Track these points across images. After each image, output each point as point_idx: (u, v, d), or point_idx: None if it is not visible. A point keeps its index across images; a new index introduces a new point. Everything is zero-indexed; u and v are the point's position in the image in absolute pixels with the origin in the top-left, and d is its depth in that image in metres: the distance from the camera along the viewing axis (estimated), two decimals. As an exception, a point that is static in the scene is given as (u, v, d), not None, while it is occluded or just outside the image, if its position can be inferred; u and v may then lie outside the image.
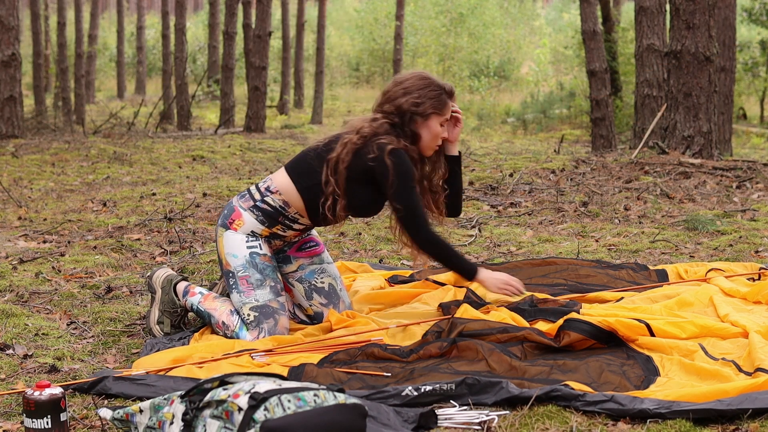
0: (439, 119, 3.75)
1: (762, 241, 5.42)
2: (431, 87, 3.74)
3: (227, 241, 3.72)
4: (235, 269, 3.70)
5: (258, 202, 3.73)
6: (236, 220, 3.73)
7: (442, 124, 3.77)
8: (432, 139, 3.76)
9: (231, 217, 3.74)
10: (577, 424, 2.76)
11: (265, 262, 3.72)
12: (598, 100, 11.71)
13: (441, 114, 3.75)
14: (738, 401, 2.77)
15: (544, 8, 37.59)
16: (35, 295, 4.45)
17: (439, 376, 3.10)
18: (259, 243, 3.73)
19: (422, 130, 3.73)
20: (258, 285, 3.67)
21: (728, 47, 11.67)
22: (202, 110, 20.01)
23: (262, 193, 3.74)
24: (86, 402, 3.05)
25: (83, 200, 7.35)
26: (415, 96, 3.71)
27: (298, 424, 2.43)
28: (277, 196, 3.71)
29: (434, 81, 3.77)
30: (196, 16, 35.09)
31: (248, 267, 3.69)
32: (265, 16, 14.04)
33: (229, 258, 3.71)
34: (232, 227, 3.73)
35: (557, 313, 3.71)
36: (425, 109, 3.71)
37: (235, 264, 3.70)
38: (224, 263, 3.74)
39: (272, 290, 3.69)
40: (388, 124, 3.70)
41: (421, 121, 3.72)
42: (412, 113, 3.70)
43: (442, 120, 3.76)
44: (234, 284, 3.70)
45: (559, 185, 7.55)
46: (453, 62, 23.37)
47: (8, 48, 11.30)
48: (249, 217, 3.72)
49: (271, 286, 3.69)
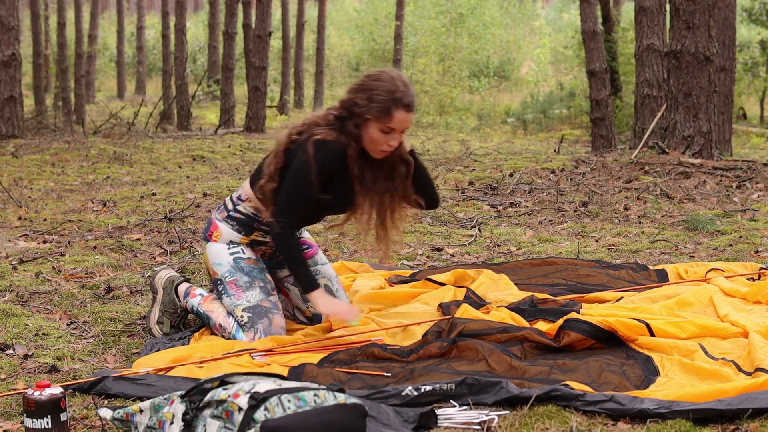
0: (378, 126, 3.52)
1: (762, 241, 5.43)
2: (382, 92, 3.51)
3: (210, 252, 3.78)
4: (222, 276, 3.73)
5: (231, 212, 3.77)
6: (214, 232, 3.79)
7: (385, 131, 3.53)
8: (370, 143, 3.57)
9: (209, 229, 3.81)
10: (577, 424, 2.76)
11: (250, 265, 3.74)
12: (598, 100, 11.71)
13: (379, 122, 3.51)
14: (738, 401, 2.77)
15: (544, 8, 37.59)
16: (35, 295, 4.45)
17: (439, 376, 3.10)
18: (241, 248, 3.77)
19: (363, 131, 3.57)
20: (247, 287, 3.69)
21: (728, 47, 11.67)
22: (202, 110, 20.01)
23: (234, 202, 3.78)
24: (86, 402, 3.05)
25: (83, 200, 7.35)
26: (362, 96, 3.55)
27: (298, 424, 2.43)
28: (247, 204, 3.75)
29: (388, 87, 3.52)
30: (196, 16, 35.09)
31: (235, 271, 3.71)
32: (265, 16, 14.04)
33: (215, 267, 3.76)
34: (212, 239, 3.79)
35: (557, 313, 3.71)
36: (364, 112, 3.53)
37: (222, 271, 3.73)
38: (212, 273, 3.79)
39: (262, 290, 3.69)
40: (334, 116, 3.60)
41: (360, 122, 3.56)
42: (352, 113, 3.57)
43: (383, 128, 3.52)
44: (223, 290, 3.72)
45: (559, 185, 7.55)
46: (453, 62, 23.37)
47: (8, 48, 11.29)
48: (225, 228, 3.77)
49: (261, 286, 3.70)
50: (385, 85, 3.51)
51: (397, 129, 3.53)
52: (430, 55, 23.01)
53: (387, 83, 3.52)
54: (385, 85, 3.51)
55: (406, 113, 3.53)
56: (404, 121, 3.53)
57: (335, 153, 3.54)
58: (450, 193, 7.42)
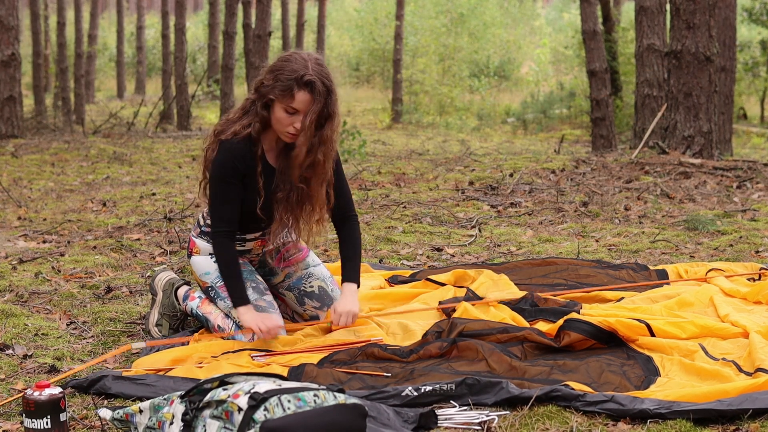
0: (282, 106, 3.44)
1: (762, 241, 5.42)
2: (287, 72, 3.43)
3: (195, 265, 3.79)
4: (212, 282, 3.74)
5: (202, 227, 3.79)
6: (194, 248, 3.81)
7: (289, 111, 3.44)
8: (276, 124, 3.49)
9: (189, 246, 3.84)
10: (577, 425, 2.75)
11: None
12: (599, 100, 11.71)
13: (283, 102, 3.43)
14: (738, 401, 2.77)
15: (544, 8, 37.57)
16: (35, 295, 4.45)
17: (439, 376, 3.10)
18: None
19: (270, 113, 3.51)
20: None
21: (728, 47, 11.67)
22: (202, 110, 20.01)
23: (204, 218, 3.79)
24: (86, 402, 3.05)
25: (83, 200, 7.35)
26: (269, 76, 3.48)
27: (298, 425, 2.42)
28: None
29: (294, 67, 3.43)
30: (196, 16, 35.08)
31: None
32: (265, 16, 14.03)
33: (203, 278, 3.77)
34: (194, 254, 3.81)
35: (557, 313, 3.71)
36: (269, 92, 3.47)
37: (211, 279, 3.74)
38: (202, 284, 3.79)
39: (255, 290, 3.68)
40: (250, 102, 3.55)
41: (268, 102, 3.49)
42: (260, 94, 3.51)
43: (286, 107, 3.44)
44: (216, 294, 3.73)
45: (559, 185, 7.55)
46: (453, 62, 23.36)
47: (8, 48, 11.29)
48: (201, 243, 3.77)
49: (253, 287, 3.69)
50: (292, 65, 3.45)
51: (300, 110, 3.45)
52: (430, 55, 23.00)
53: (294, 63, 3.45)
54: (291, 65, 3.45)
55: (309, 95, 3.42)
56: (306, 101, 3.43)
57: (240, 151, 3.51)
58: (450, 193, 7.41)
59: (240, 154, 3.52)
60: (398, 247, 5.48)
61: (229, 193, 3.53)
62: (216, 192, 3.55)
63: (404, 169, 8.89)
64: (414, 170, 8.83)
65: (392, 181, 8.08)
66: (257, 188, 3.58)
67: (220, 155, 3.52)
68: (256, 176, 3.57)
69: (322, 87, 3.44)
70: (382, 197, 7.21)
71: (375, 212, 6.59)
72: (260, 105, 3.51)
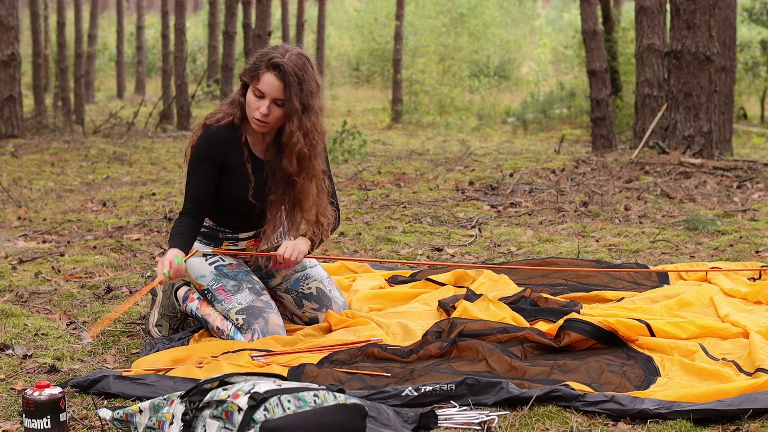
0: (252, 89, 3.46)
1: (762, 241, 5.42)
2: (259, 55, 3.47)
3: (191, 268, 3.77)
4: (208, 285, 3.72)
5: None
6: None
7: (256, 94, 3.44)
8: (247, 109, 3.50)
9: None
10: (577, 425, 2.75)
11: (234, 270, 3.73)
12: (599, 99, 11.71)
13: (252, 84, 3.45)
14: (738, 401, 2.77)
15: (544, 8, 37.58)
16: (35, 295, 4.45)
17: (439, 377, 3.10)
18: (219, 257, 3.76)
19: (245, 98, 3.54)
20: (235, 290, 3.67)
21: (729, 47, 11.67)
22: (202, 110, 19.99)
23: None
24: (86, 402, 3.05)
25: (83, 200, 7.35)
26: (248, 61, 3.51)
27: (297, 425, 2.42)
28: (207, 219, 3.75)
29: (267, 51, 3.47)
30: (196, 16, 35.08)
31: (219, 278, 3.71)
32: (265, 16, 14.03)
33: (199, 280, 3.75)
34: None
35: (557, 313, 3.71)
36: (242, 74, 3.51)
37: (207, 281, 3.73)
38: (198, 287, 3.78)
39: (252, 291, 3.68)
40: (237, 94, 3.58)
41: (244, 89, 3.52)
42: (241, 80, 3.54)
43: (254, 90, 3.44)
44: (212, 297, 3.71)
45: (560, 185, 7.55)
46: (453, 62, 23.36)
47: (7, 48, 11.29)
48: (196, 243, 3.75)
49: (249, 287, 3.69)
50: (268, 50, 3.48)
51: (267, 93, 3.44)
52: (430, 54, 22.99)
53: (271, 49, 3.47)
54: (267, 50, 3.48)
55: (275, 78, 3.42)
56: (272, 85, 3.42)
57: (220, 136, 3.52)
58: (450, 193, 7.41)
59: (219, 139, 3.53)
60: (398, 247, 5.48)
61: (201, 177, 3.54)
62: (189, 172, 3.56)
63: (404, 169, 8.89)
64: (414, 170, 8.83)
65: (392, 181, 8.08)
66: (245, 174, 3.58)
67: (200, 139, 3.55)
68: (243, 162, 3.57)
69: (292, 74, 3.43)
70: (382, 197, 7.21)
71: (375, 212, 6.58)
72: (240, 92, 3.55)
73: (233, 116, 3.56)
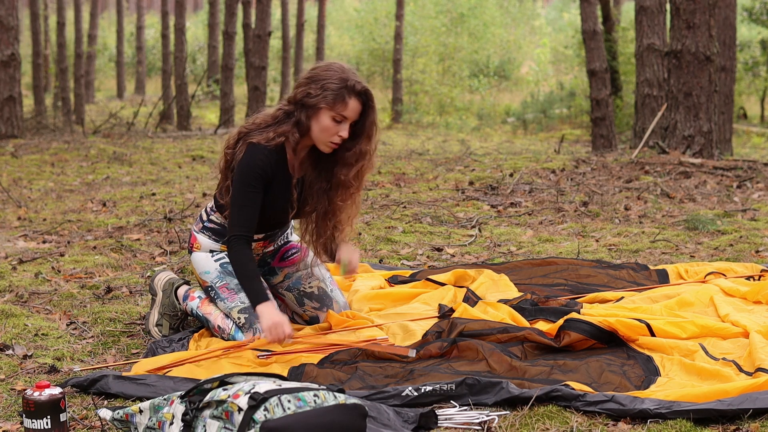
0: (330, 114, 3.50)
1: (762, 241, 5.42)
2: (335, 80, 3.49)
3: (196, 262, 3.78)
4: (212, 282, 3.73)
5: (206, 222, 3.79)
6: (194, 243, 3.81)
7: (337, 119, 3.51)
8: (320, 132, 3.53)
9: (190, 241, 3.84)
10: (577, 425, 2.75)
11: None
12: (599, 99, 11.71)
13: (333, 109, 3.49)
14: (738, 401, 2.77)
15: (544, 8, 37.56)
16: (35, 295, 4.44)
17: (439, 376, 3.10)
18: (224, 254, 3.76)
19: (312, 122, 3.54)
20: (239, 289, 3.67)
21: (728, 47, 11.66)
22: (202, 110, 20.01)
23: (208, 213, 3.80)
24: (86, 402, 3.05)
25: (83, 200, 7.35)
26: (315, 86, 3.52)
27: (298, 425, 2.42)
28: (218, 215, 3.75)
29: (341, 75, 3.50)
30: (195, 16, 35.07)
31: (223, 276, 3.72)
32: (265, 16, 14.03)
33: (203, 276, 3.76)
34: (194, 250, 3.81)
35: (557, 313, 3.71)
36: (318, 101, 3.50)
37: (211, 278, 3.73)
38: (201, 283, 3.79)
39: None
40: (283, 113, 3.59)
41: (311, 113, 3.53)
42: (304, 104, 3.54)
43: (335, 115, 3.50)
44: (215, 295, 3.72)
45: (560, 185, 7.55)
46: (453, 62, 23.36)
47: (7, 48, 11.29)
48: (203, 239, 3.77)
49: None
50: (337, 74, 3.51)
51: (349, 117, 3.51)
52: (430, 54, 22.99)
53: (338, 72, 3.52)
54: (337, 74, 3.51)
55: (358, 102, 3.52)
56: (355, 109, 3.51)
57: (271, 157, 3.53)
58: (450, 193, 7.41)
59: (270, 161, 3.53)
60: (398, 247, 5.48)
61: (253, 198, 3.54)
62: (239, 194, 3.53)
63: (404, 169, 8.89)
64: (414, 170, 8.83)
65: (392, 181, 8.08)
66: (289, 199, 3.63)
67: (250, 158, 3.51)
68: (290, 187, 3.61)
69: (372, 98, 3.56)
70: (382, 197, 7.21)
71: (375, 212, 6.58)
72: (304, 116, 3.53)
73: (286, 137, 3.55)
